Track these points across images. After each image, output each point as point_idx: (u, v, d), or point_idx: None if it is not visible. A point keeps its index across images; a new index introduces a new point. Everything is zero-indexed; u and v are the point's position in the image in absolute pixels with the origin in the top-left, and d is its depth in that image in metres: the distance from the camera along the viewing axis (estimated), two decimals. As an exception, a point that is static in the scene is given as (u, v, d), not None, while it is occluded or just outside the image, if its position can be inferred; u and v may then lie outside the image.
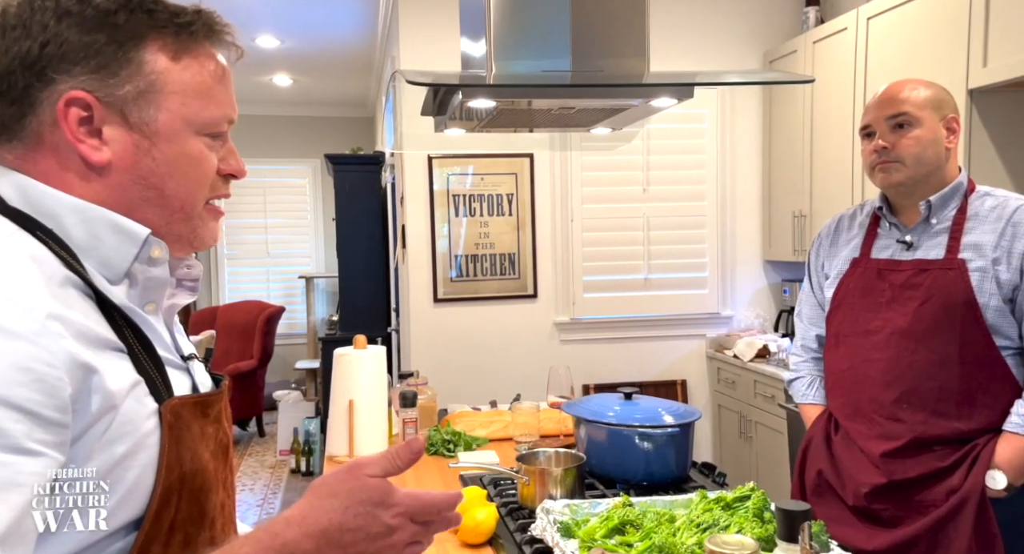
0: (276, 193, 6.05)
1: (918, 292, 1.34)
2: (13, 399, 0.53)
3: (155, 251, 0.67)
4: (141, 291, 0.67)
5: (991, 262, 1.30)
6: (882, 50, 2.57)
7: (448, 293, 3.19)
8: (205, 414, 0.68)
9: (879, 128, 1.39)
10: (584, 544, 1.12)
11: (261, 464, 4.63)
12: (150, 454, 0.61)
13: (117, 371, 0.60)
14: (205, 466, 0.66)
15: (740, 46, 3.31)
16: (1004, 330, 1.30)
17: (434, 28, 3.03)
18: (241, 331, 5.21)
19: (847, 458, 1.43)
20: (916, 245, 1.39)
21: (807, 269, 1.63)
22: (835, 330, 1.49)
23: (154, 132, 0.65)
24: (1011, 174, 2.22)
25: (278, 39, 4.07)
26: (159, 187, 0.67)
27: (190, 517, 0.64)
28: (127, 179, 0.65)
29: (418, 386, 1.97)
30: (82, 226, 0.64)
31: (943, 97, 1.39)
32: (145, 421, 0.61)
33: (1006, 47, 2.05)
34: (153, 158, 0.66)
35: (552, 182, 3.24)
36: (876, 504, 1.37)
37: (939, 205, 1.38)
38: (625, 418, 1.51)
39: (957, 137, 1.39)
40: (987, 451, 1.30)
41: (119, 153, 0.65)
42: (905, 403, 1.34)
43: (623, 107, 1.43)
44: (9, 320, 0.54)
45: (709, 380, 3.41)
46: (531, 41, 1.32)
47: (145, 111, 0.65)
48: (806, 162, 3.03)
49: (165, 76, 0.66)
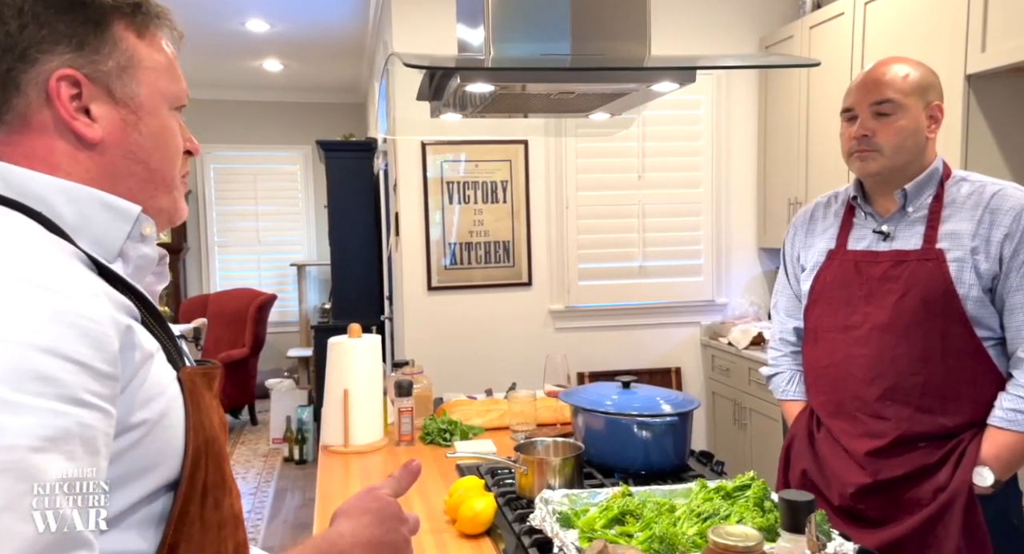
0: (267, 180, 5.99)
1: (897, 285, 1.31)
2: (65, 351, 0.53)
3: (146, 228, 0.68)
4: (133, 270, 0.68)
5: (969, 252, 1.27)
6: (879, 36, 2.55)
7: (442, 281, 3.17)
8: (210, 386, 0.70)
9: (861, 113, 1.34)
10: (584, 534, 1.12)
11: (254, 453, 4.62)
12: (178, 416, 0.63)
13: (142, 334, 0.62)
14: (218, 435, 0.68)
15: (736, 31, 3.28)
16: (985, 321, 1.28)
17: (426, 13, 2.99)
18: (232, 319, 5.17)
19: (831, 457, 1.40)
20: (893, 235, 1.35)
21: (782, 259, 1.59)
22: (813, 325, 1.46)
23: (139, 106, 0.67)
24: (1008, 160, 2.21)
25: (268, 23, 4.00)
26: (145, 161, 0.68)
27: (216, 482, 0.66)
28: (117, 155, 0.67)
29: (413, 375, 1.95)
30: (71, 206, 0.63)
31: (930, 81, 1.34)
32: (170, 385, 0.63)
33: (1004, 32, 2.04)
34: (140, 132, 0.67)
35: (547, 169, 3.21)
36: (862, 504, 1.35)
37: (914, 193, 1.34)
38: (623, 407, 1.50)
39: (939, 126, 1.34)
40: (972, 447, 1.27)
41: (108, 129, 0.66)
42: (889, 400, 1.31)
43: (623, 92, 1.41)
44: (46, 279, 0.55)
45: (704, 367, 3.41)
46: (530, 24, 1.29)
47: (128, 85, 0.67)
48: (801, 149, 3.01)
49: (139, 52, 0.68)
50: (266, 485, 4.06)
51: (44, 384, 0.52)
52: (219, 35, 4.18)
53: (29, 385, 0.51)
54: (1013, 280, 1.26)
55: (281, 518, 3.63)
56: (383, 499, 0.77)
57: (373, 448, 1.77)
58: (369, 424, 1.78)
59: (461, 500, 1.29)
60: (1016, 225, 1.26)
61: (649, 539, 1.07)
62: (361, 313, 4.17)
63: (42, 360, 0.52)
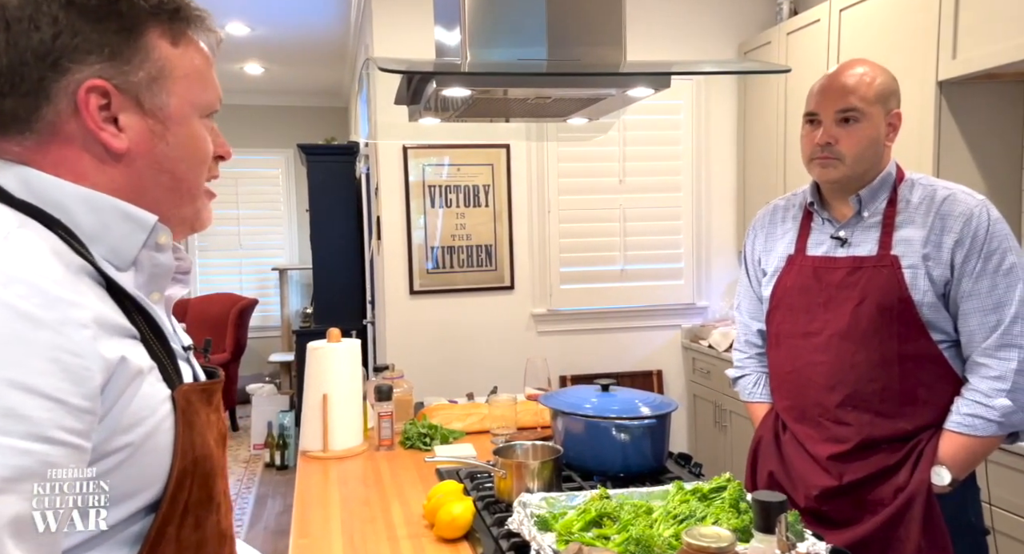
0: (248, 184, 5.94)
1: (854, 292, 1.33)
2: (41, 387, 0.53)
3: (161, 238, 0.69)
4: (148, 278, 0.68)
5: (922, 258, 1.29)
6: (854, 42, 2.59)
7: (424, 285, 3.17)
8: (209, 402, 0.70)
9: (825, 119, 1.34)
10: (561, 537, 1.12)
11: (235, 458, 4.57)
12: (166, 438, 0.63)
13: (135, 356, 0.62)
14: (212, 451, 0.68)
15: (715, 37, 3.31)
16: (939, 324, 1.30)
17: (407, 16, 2.99)
18: (213, 324, 5.13)
19: (796, 460, 1.42)
20: (850, 241, 1.37)
21: (744, 262, 1.60)
22: (775, 330, 1.47)
23: (167, 117, 0.67)
24: (980, 165, 2.26)
25: (248, 26, 3.98)
26: (172, 170, 0.69)
27: (200, 500, 0.66)
28: (143, 164, 0.67)
29: (394, 379, 1.95)
30: (91, 215, 0.64)
31: (892, 88, 1.35)
32: (160, 406, 0.63)
33: (975, 39, 2.08)
34: (167, 142, 0.68)
35: (528, 173, 3.22)
36: (827, 506, 1.36)
37: (869, 198, 1.36)
38: (602, 410, 1.50)
39: (896, 133, 1.36)
40: (930, 448, 1.30)
41: (136, 139, 0.66)
42: (850, 406, 1.33)
43: (600, 97, 1.42)
44: (34, 309, 0.55)
45: (685, 370, 3.43)
46: (506, 29, 1.30)
47: (158, 96, 0.67)
48: (780, 153, 3.05)
49: (171, 61, 0.68)
50: (247, 491, 4.02)
51: (13, 422, 0.52)
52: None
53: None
54: (966, 285, 1.28)
55: (262, 524, 3.60)
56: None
57: (353, 453, 1.76)
58: (349, 429, 1.77)
59: (439, 504, 1.28)
60: (966, 230, 1.27)
61: (626, 541, 1.08)
62: (343, 317, 4.15)
63: (15, 397, 0.52)
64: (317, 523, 1.35)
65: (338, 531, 1.32)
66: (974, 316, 1.28)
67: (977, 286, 1.27)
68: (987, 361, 1.27)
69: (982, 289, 1.27)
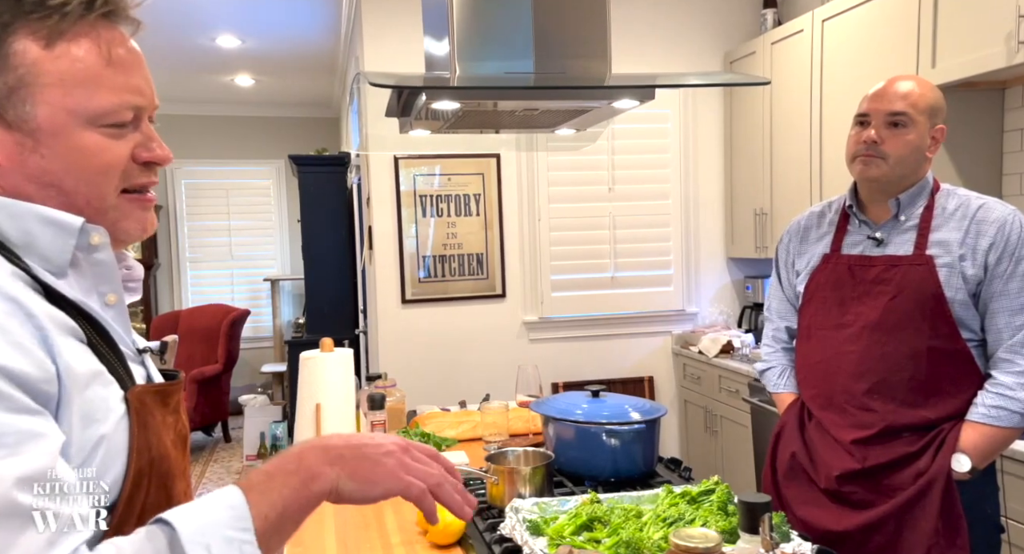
0: (239, 195, 5.95)
1: (888, 287, 1.40)
2: (9, 366, 0.53)
3: (94, 238, 0.65)
4: (92, 278, 0.66)
5: (957, 258, 1.36)
6: (836, 51, 2.63)
7: (416, 294, 3.18)
8: (165, 403, 0.69)
9: (876, 120, 1.41)
10: (552, 542, 1.14)
11: (227, 470, 4.56)
12: (120, 439, 0.62)
13: (81, 356, 0.61)
14: (168, 453, 0.67)
15: (701, 48, 3.36)
16: (968, 323, 1.37)
17: (398, 28, 3.02)
18: (205, 335, 5.11)
19: (820, 444, 1.47)
20: (886, 241, 1.44)
21: (775, 265, 1.67)
22: (807, 323, 1.54)
23: (35, 129, 0.61)
24: (959, 171, 2.30)
25: (239, 39, 4.00)
26: (57, 184, 0.63)
27: (158, 503, 0.64)
28: (20, 179, 0.62)
29: (386, 388, 1.96)
30: (11, 222, 0.61)
31: (941, 104, 1.43)
32: (112, 408, 0.62)
33: (953, 49, 2.13)
34: (41, 156, 0.62)
35: (519, 182, 3.25)
36: (846, 487, 1.42)
37: (907, 203, 1.43)
38: (592, 415, 1.52)
39: (938, 147, 1.44)
40: (952, 436, 1.36)
41: (3, 154, 0.61)
42: (876, 394, 1.40)
43: (586, 108, 1.45)
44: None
45: (675, 376, 3.46)
46: (494, 42, 1.33)
47: (20, 108, 0.60)
48: (766, 161, 3.09)
49: (37, 67, 0.60)
50: (240, 503, 4.00)
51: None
52: (189, 51, 4.17)
53: None
54: (996, 286, 1.35)
55: (255, 536, 3.58)
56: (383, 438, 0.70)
57: (346, 462, 1.77)
58: (342, 438, 1.78)
59: (432, 511, 1.30)
60: (1000, 235, 1.35)
61: (616, 544, 1.10)
62: (336, 327, 4.16)
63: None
64: (311, 531, 1.36)
65: (332, 539, 1.33)
66: (1002, 315, 1.35)
67: (1007, 287, 1.34)
68: (1012, 357, 1.34)
69: (1011, 290, 1.34)
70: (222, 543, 0.57)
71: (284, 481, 0.62)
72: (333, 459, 0.65)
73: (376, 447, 0.68)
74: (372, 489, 0.66)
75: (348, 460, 0.65)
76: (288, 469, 0.63)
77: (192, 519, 0.57)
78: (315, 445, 0.66)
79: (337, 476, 0.64)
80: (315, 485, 0.63)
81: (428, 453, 0.72)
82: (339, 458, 0.65)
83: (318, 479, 0.63)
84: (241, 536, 0.58)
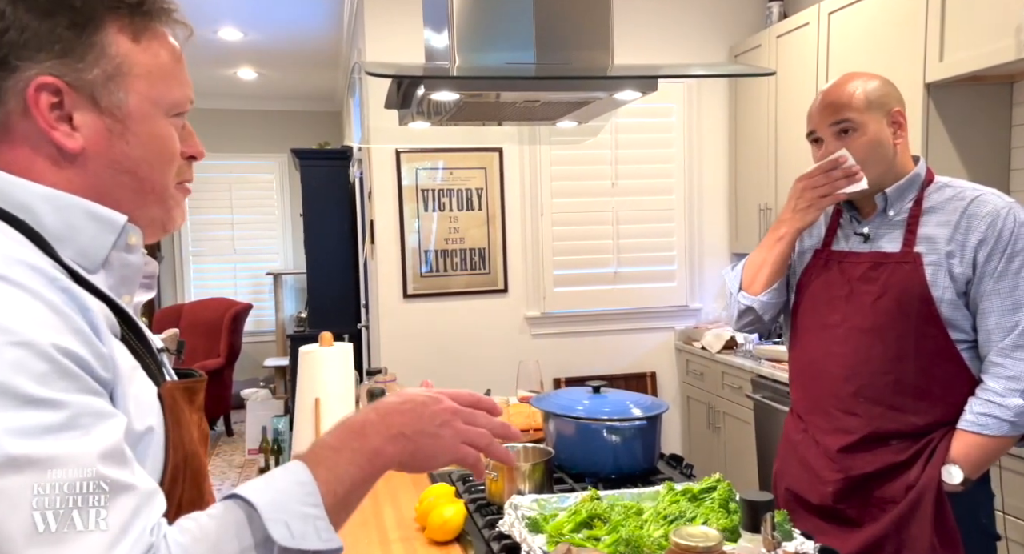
0: (242, 189, 5.94)
1: (874, 286, 1.35)
2: (75, 350, 0.55)
3: (132, 238, 0.67)
4: (118, 280, 0.67)
5: (944, 256, 1.30)
6: (842, 44, 2.60)
7: (418, 288, 3.17)
8: (192, 401, 0.70)
9: (824, 135, 1.38)
10: (552, 539, 1.12)
11: (229, 464, 4.56)
12: (159, 434, 0.63)
13: (121, 350, 0.62)
14: (197, 450, 0.68)
15: (706, 41, 3.33)
16: (958, 323, 1.30)
17: (400, 20, 3.00)
18: (207, 329, 5.12)
19: (810, 457, 1.43)
20: (874, 237, 1.39)
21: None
22: (798, 323, 1.50)
23: (126, 115, 0.65)
24: (967, 166, 2.27)
25: (241, 32, 3.98)
26: (133, 170, 0.66)
27: (192, 499, 0.65)
28: (101, 165, 0.65)
29: (386, 383, 1.95)
30: (56, 215, 0.62)
31: (886, 91, 1.36)
32: (152, 402, 0.63)
33: (961, 42, 2.10)
34: (127, 142, 0.65)
35: (521, 176, 3.23)
36: (840, 504, 1.37)
37: (896, 197, 1.38)
38: (593, 412, 1.51)
39: (904, 130, 1.37)
40: (943, 446, 1.30)
41: (92, 139, 0.64)
42: (861, 397, 1.35)
43: (588, 100, 1.43)
44: (38, 290, 0.56)
45: (678, 372, 3.44)
46: (495, 33, 1.31)
47: (115, 95, 0.64)
48: (771, 155, 3.06)
49: (130, 58, 0.65)
50: (241, 497, 4.01)
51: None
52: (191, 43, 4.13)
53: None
54: (987, 285, 1.28)
55: (257, 530, 3.59)
56: (432, 395, 0.72)
57: (345, 457, 1.76)
58: (341, 433, 1.77)
59: (431, 507, 1.29)
60: (991, 231, 1.28)
61: (616, 542, 1.08)
62: (337, 321, 4.15)
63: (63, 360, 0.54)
64: (309, 527, 1.35)
65: (330, 535, 1.32)
66: (993, 316, 1.29)
67: (998, 286, 1.28)
68: (1003, 361, 1.27)
69: (1003, 289, 1.28)
70: (298, 520, 0.59)
71: (351, 458, 0.65)
72: (395, 437, 0.67)
73: (431, 418, 0.70)
74: (431, 463, 0.70)
75: (409, 437, 0.68)
76: (353, 446, 0.66)
77: (266, 494, 0.59)
78: (374, 420, 0.68)
79: (399, 454, 0.67)
80: (378, 461, 0.66)
81: (470, 402, 0.75)
82: (400, 437, 0.68)
83: (380, 456, 0.66)
84: (314, 511, 0.60)
